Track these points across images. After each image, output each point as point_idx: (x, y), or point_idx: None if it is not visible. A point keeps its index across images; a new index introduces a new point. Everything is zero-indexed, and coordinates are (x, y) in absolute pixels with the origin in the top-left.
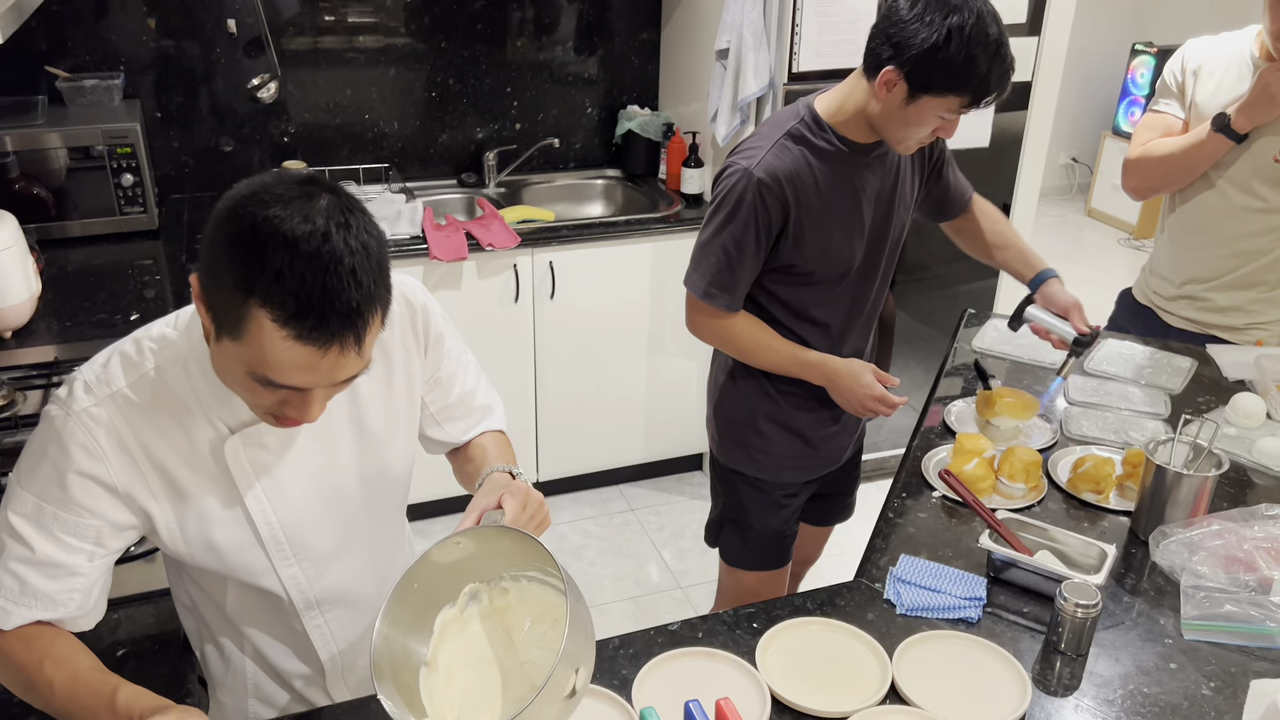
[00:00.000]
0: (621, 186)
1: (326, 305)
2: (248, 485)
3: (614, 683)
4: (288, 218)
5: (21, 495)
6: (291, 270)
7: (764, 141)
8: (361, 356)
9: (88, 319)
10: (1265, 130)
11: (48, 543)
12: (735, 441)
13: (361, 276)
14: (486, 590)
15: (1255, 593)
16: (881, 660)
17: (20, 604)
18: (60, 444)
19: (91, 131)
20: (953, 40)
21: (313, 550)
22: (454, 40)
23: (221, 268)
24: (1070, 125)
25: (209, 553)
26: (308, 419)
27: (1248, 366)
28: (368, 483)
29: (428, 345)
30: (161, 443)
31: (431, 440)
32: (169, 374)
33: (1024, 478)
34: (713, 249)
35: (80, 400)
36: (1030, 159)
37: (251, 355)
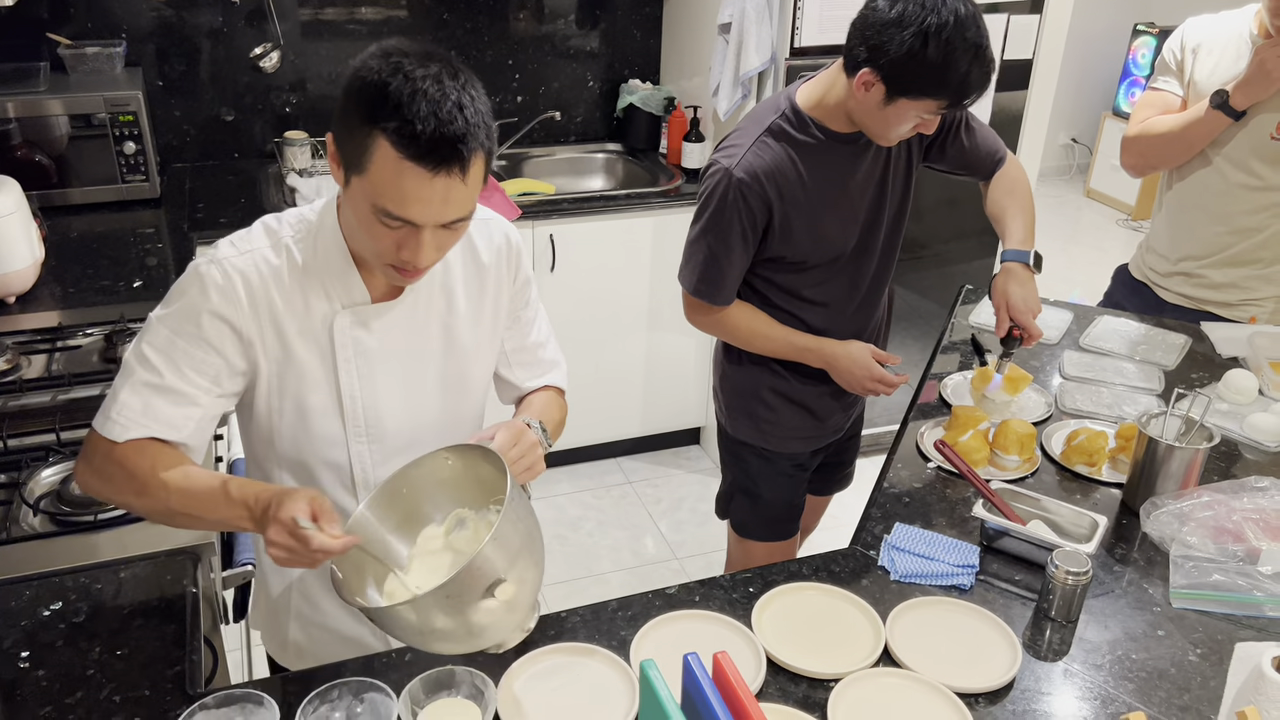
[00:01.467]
0: (622, 160)
1: (437, 131)
2: (345, 358)
3: (612, 643)
4: (409, 64)
5: (157, 328)
6: (411, 102)
7: (744, 139)
8: (467, 190)
9: (91, 285)
10: (1262, 108)
11: (174, 374)
12: (743, 414)
13: (468, 114)
14: (474, 519)
15: (1243, 562)
16: (875, 624)
17: (139, 423)
18: (201, 285)
19: (94, 99)
20: (930, 45)
21: (385, 435)
22: (456, 12)
23: (352, 111)
24: (1070, 106)
25: (296, 413)
26: (419, 261)
27: (1241, 343)
28: (447, 389)
29: (517, 278)
30: (283, 304)
31: (502, 381)
32: (301, 245)
33: (1018, 450)
34: (700, 247)
35: (225, 250)
36: (1030, 138)
37: (373, 187)
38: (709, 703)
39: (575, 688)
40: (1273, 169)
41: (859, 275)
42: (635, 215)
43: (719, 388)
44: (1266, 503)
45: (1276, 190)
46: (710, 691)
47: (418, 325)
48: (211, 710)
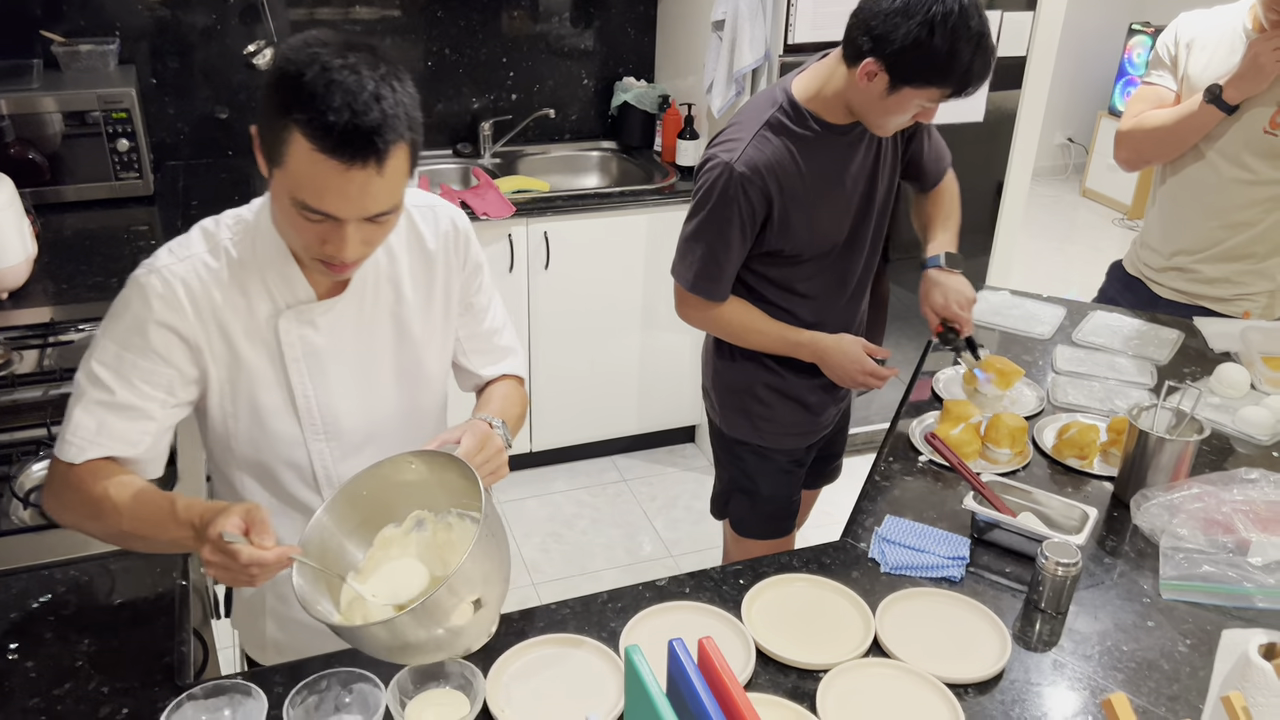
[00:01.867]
0: (617, 158)
1: (350, 124)
2: (294, 358)
3: (602, 634)
4: (326, 54)
5: (105, 345)
6: (325, 93)
7: (743, 133)
8: (385, 184)
9: (83, 282)
10: (1255, 102)
11: (126, 389)
12: (738, 411)
13: (385, 105)
14: (432, 521)
15: (1233, 554)
16: (865, 615)
17: (94, 442)
18: (143, 296)
19: (86, 96)
20: (935, 34)
21: (343, 432)
22: (449, 9)
23: (270, 100)
24: (1066, 105)
25: (251, 415)
26: (343, 256)
27: (1233, 338)
28: (402, 381)
29: (466, 264)
30: (227, 307)
31: (460, 370)
32: (240, 247)
33: (1010, 443)
34: (697, 242)
35: (163, 259)
36: (1024, 136)
37: (292, 180)
38: (693, 688)
39: (564, 678)
40: (1266, 163)
41: (849, 268)
42: (630, 213)
43: (710, 387)
44: (1256, 494)
45: (1270, 184)
46: (695, 676)
47: (366, 319)
48: (200, 700)
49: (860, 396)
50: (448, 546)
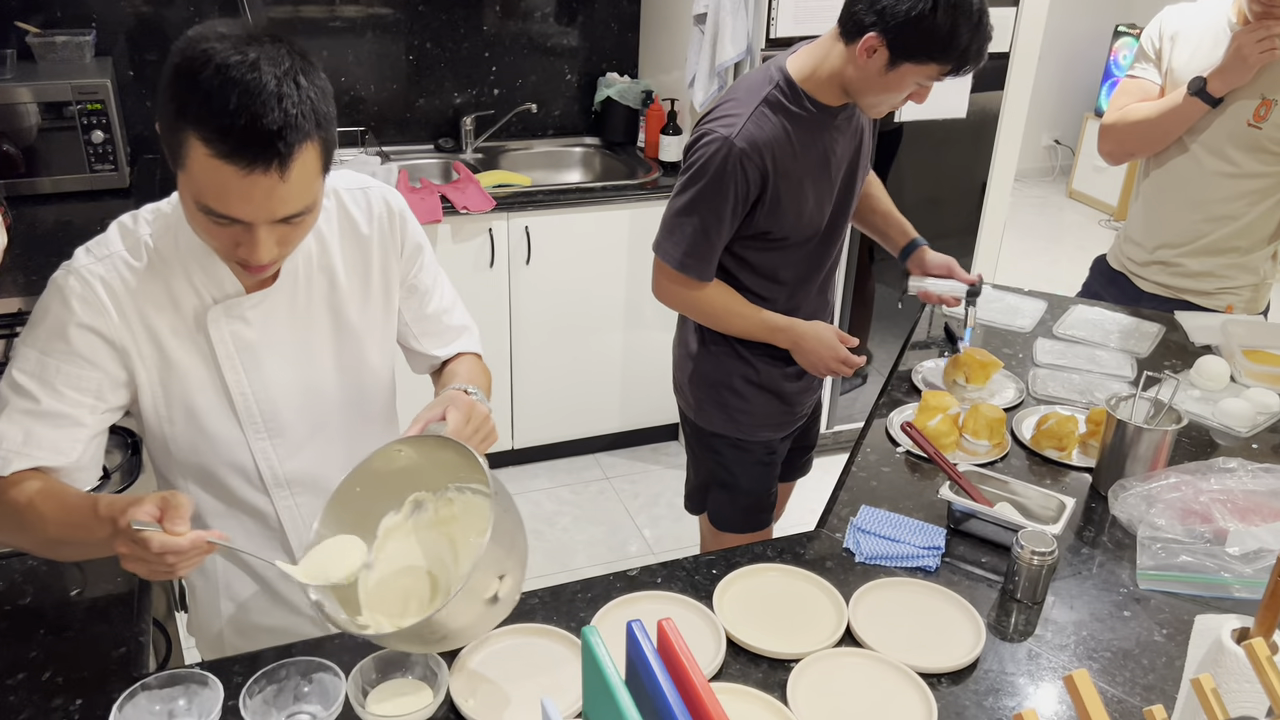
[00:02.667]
0: (600, 154)
1: (248, 126)
2: (227, 355)
3: (571, 624)
4: (222, 50)
5: (25, 352)
6: (219, 93)
7: (742, 109)
8: (290, 188)
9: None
10: (1239, 94)
11: (51, 396)
12: (715, 405)
13: (287, 105)
14: (432, 500)
15: (1210, 544)
16: (838, 605)
17: (22, 453)
18: (63, 298)
19: (61, 87)
20: (939, 9)
21: (285, 429)
22: (432, 4)
23: (166, 101)
24: (1052, 107)
25: (187, 419)
26: (257, 260)
27: (1214, 332)
28: (345, 373)
29: (404, 247)
30: (151, 306)
31: (412, 353)
32: (161, 241)
33: (988, 435)
34: (689, 219)
35: (81, 259)
36: (1007, 136)
37: (194, 185)
38: (650, 669)
39: (530, 668)
40: (1249, 156)
41: (825, 255)
42: (612, 208)
43: (685, 381)
44: (1234, 484)
45: (1253, 178)
46: (653, 658)
47: (300, 310)
48: (154, 690)
49: (844, 394)
50: (451, 522)
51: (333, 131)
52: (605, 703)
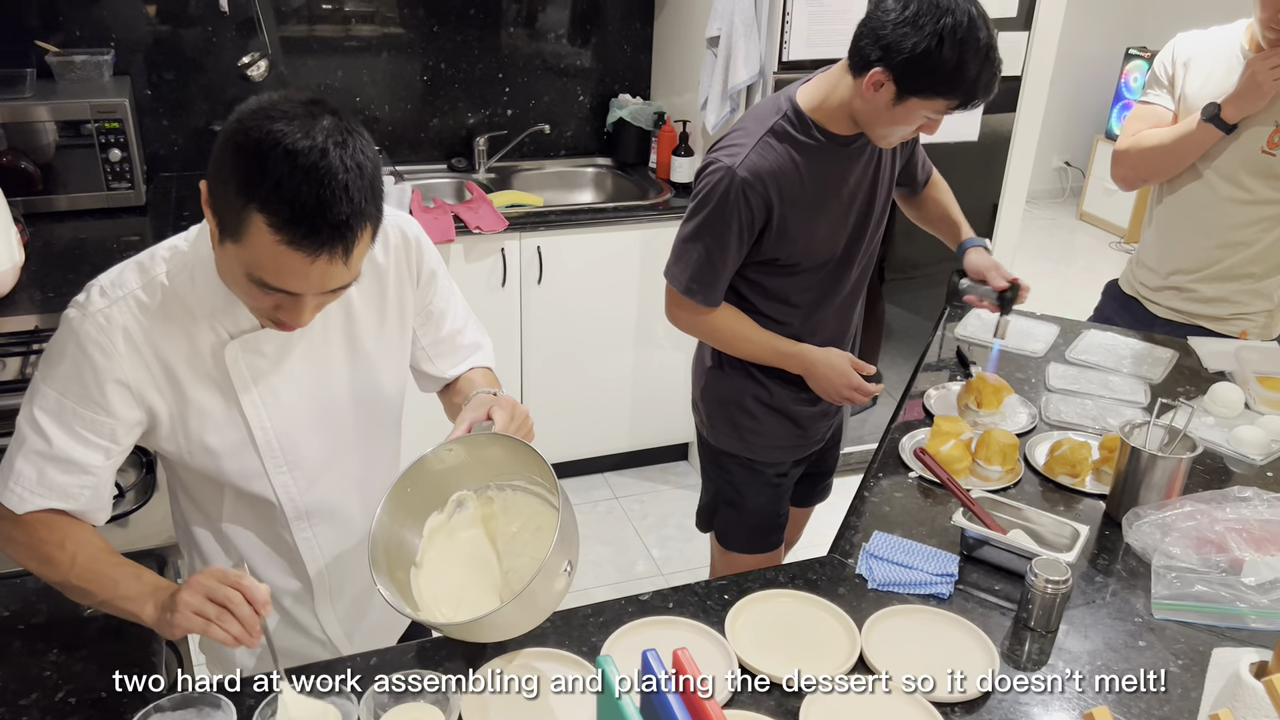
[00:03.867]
0: (611, 175)
1: (319, 216)
2: (245, 389)
3: (583, 649)
4: (290, 132)
5: (45, 391)
6: (289, 181)
7: (747, 139)
8: (349, 268)
9: (71, 290)
10: (1253, 121)
11: (66, 438)
12: (726, 423)
13: (354, 193)
14: (473, 499)
15: (1226, 573)
16: (850, 632)
17: (36, 493)
18: (78, 343)
19: (80, 106)
20: (945, 45)
21: (304, 459)
22: (447, 25)
23: (227, 174)
24: (1063, 129)
25: (206, 454)
26: (299, 324)
27: (1228, 358)
28: (359, 400)
29: (420, 277)
30: (168, 345)
31: (424, 375)
32: (178, 281)
33: (1000, 460)
34: (695, 246)
35: (96, 303)
36: (1019, 158)
37: (249, 258)
38: (665, 700)
39: (541, 692)
40: (1263, 183)
41: (842, 281)
42: (623, 228)
43: (700, 399)
44: (1250, 513)
45: (1267, 204)
46: (668, 688)
47: (316, 340)
48: (167, 712)
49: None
50: (491, 519)
51: (383, 203)
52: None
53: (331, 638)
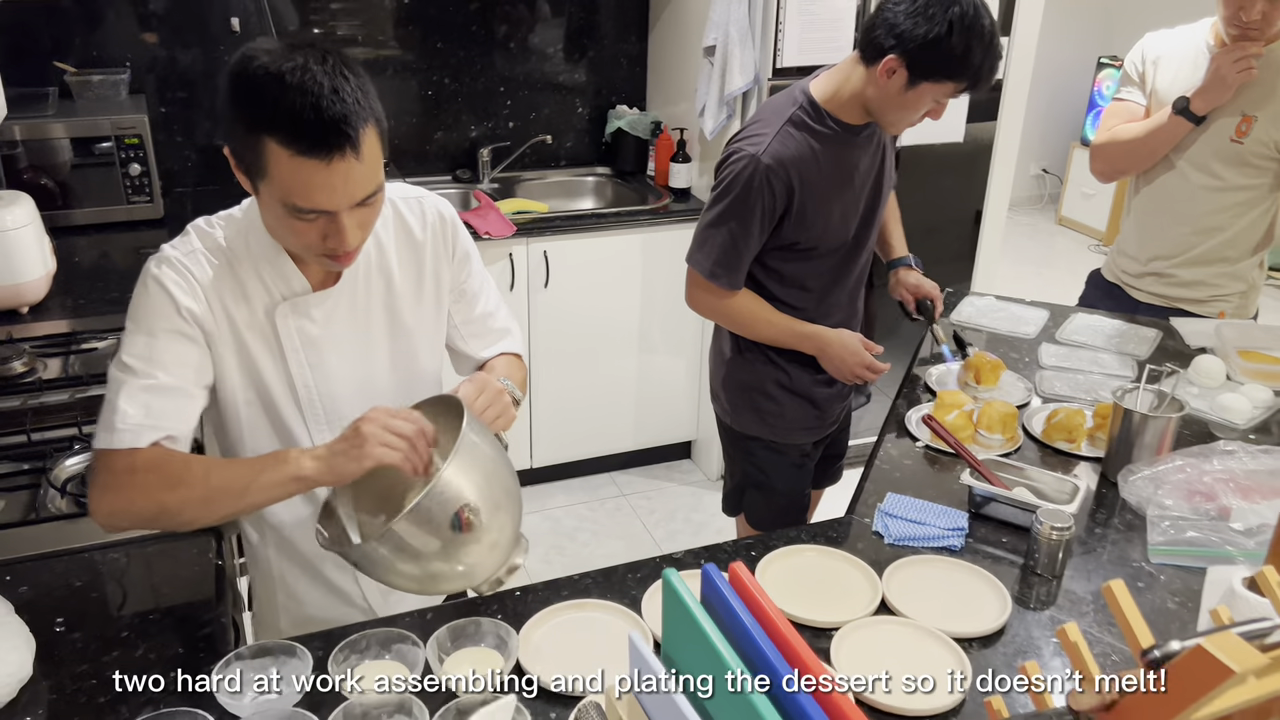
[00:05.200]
0: (611, 183)
1: (319, 119)
2: (292, 349)
3: (624, 600)
4: (273, 61)
5: (133, 337)
6: (284, 99)
7: (767, 129)
8: (365, 166)
9: (100, 297)
10: (1221, 112)
11: (164, 372)
12: (749, 408)
13: (344, 94)
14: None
15: (1215, 520)
16: (872, 580)
17: (147, 425)
18: (160, 284)
19: (101, 122)
20: (954, 31)
21: (343, 419)
22: (449, 42)
23: (235, 121)
24: (1040, 137)
25: (258, 404)
26: (345, 245)
27: (1209, 335)
28: (398, 369)
29: (454, 253)
30: (229, 298)
31: (459, 354)
32: (234, 243)
33: (1001, 429)
34: (719, 231)
35: (170, 252)
36: (1001, 165)
37: (278, 188)
38: (728, 603)
39: (590, 637)
40: (1233, 170)
41: (852, 265)
42: (626, 233)
43: (720, 387)
44: (1235, 465)
45: (1238, 190)
46: (728, 593)
47: (359, 309)
48: (248, 660)
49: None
50: None
51: (383, 117)
52: (688, 632)
53: (371, 604)
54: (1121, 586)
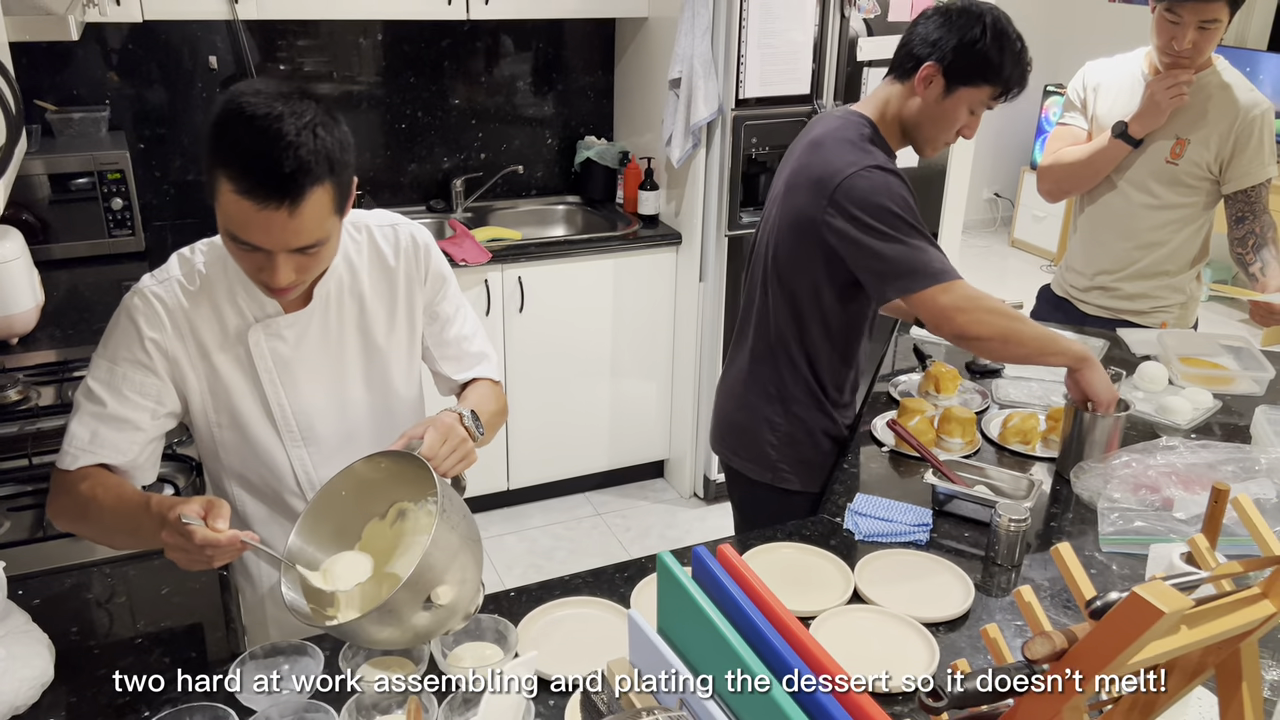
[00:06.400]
0: (581, 211)
1: (265, 169)
2: (265, 369)
3: (613, 597)
4: (254, 104)
5: (99, 362)
6: (243, 140)
7: (857, 152)
8: (300, 223)
9: (87, 327)
10: (1157, 135)
11: (117, 401)
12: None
13: (303, 153)
14: (413, 510)
15: (1160, 511)
16: (845, 572)
17: (87, 450)
18: (130, 315)
19: (84, 158)
20: (988, 34)
21: (319, 437)
22: (422, 76)
23: (206, 144)
24: (991, 163)
25: (232, 424)
26: (275, 283)
27: (1152, 344)
28: (373, 389)
29: (427, 276)
30: (202, 324)
31: (439, 376)
32: (213, 269)
33: (961, 433)
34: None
35: (146, 283)
36: (954, 187)
37: (222, 215)
38: (719, 580)
39: (584, 629)
40: (1169, 189)
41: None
42: (598, 258)
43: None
44: (1177, 459)
45: (1174, 208)
46: (720, 573)
47: (331, 331)
48: (260, 660)
49: None
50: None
51: (347, 176)
52: (684, 609)
53: None
54: (1068, 548)
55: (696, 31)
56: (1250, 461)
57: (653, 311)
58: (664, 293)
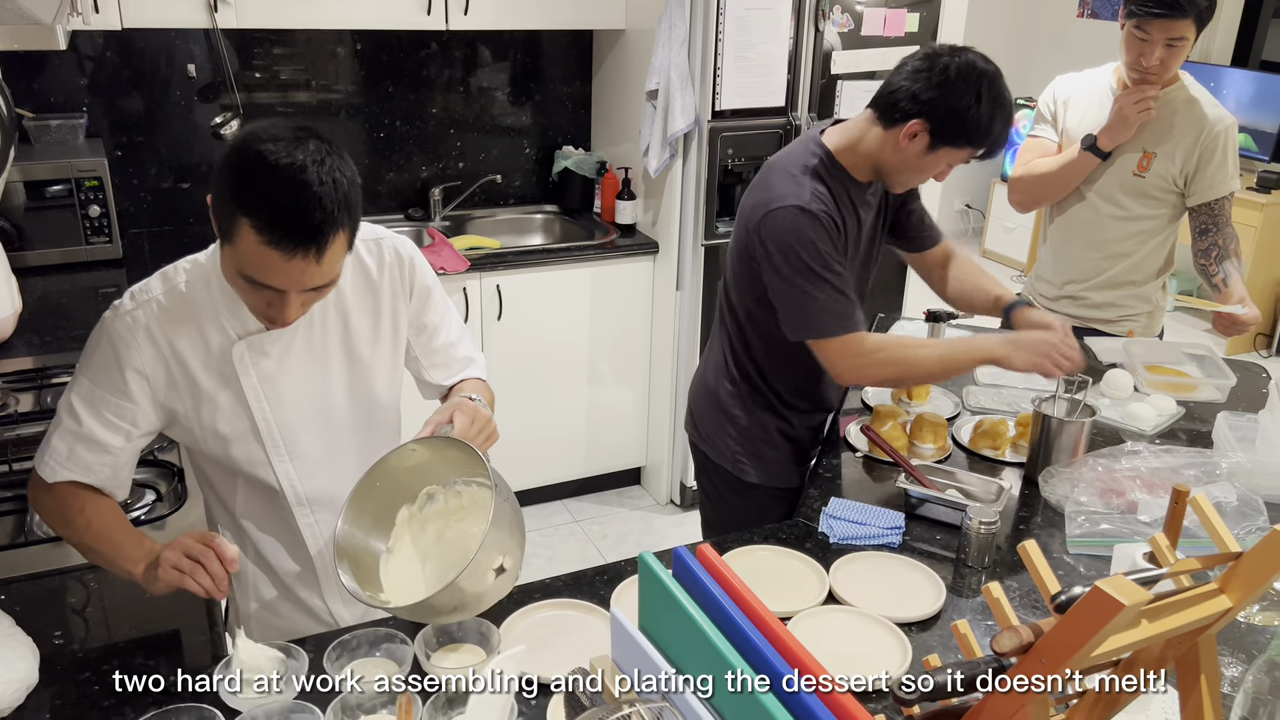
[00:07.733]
0: (559, 220)
1: (293, 220)
2: (250, 385)
3: (593, 599)
4: (275, 151)
5: (80, 378)
6: (271, 191)
7: (792, 184)
8: (322, 268)
9: (65, 334)
10: (1125, 148)
11: (94, 420)
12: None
13: (326, 203)
14: (442, 492)
15: (1125, 514)
16: (820, 574)
17: (65, 466)
18: (109, 338)
19: (61, 165)
20: (981, 101)
21: (305, 451)
22: (400, 86)
23: (223, 188)
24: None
25: (217, 441)
26: (285, 320)
27: (1119, 352)
28: (356, 401)
29: (413, 291)
30: (185, 343)
31: (424, 383)
32: (195, 288)
33: (933, 438)
34: (809, 291)
35: (126, 305)
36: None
37: (239, 258)
38: (698, 579)
39: (565, 631)
40: (1136, 201)
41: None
42: (575, 267)
43: (727, 443)
44: (1141, 463)
45: (1141, 219)
46: (701, 573)
47: (315, 345)
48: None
49: None
50: (459, 512)
51: (358, 215)
52: (665, 607)
53: (336, 618)
54: (1035, 545)
55: (674, 44)
56: (1212, 466)
57: (630, 320)
58: (641, 301)
